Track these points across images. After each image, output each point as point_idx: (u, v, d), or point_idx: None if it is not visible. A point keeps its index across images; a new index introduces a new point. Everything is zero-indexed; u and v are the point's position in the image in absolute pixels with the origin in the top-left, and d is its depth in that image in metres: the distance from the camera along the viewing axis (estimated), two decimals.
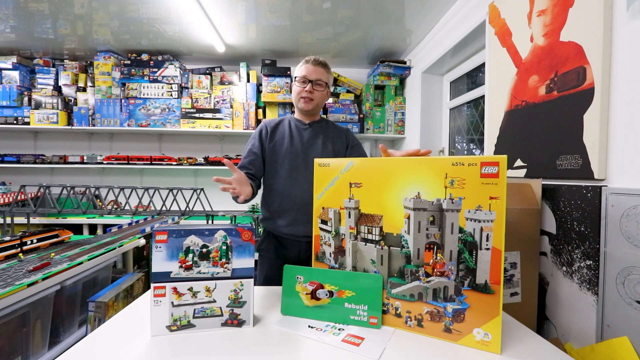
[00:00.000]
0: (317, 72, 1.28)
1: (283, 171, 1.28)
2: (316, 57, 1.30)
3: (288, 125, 1.35)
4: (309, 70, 1.28)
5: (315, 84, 1.28)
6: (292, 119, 1.37)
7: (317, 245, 0.94)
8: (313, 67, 1.28)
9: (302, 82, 1.29)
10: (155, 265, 0.75)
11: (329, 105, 2.98)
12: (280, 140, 1.32)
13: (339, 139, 1.37)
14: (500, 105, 1.43)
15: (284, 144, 1.31)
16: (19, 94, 2.91)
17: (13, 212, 2.10)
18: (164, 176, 3.24)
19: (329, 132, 1.37)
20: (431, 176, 0.75)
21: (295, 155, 1.29)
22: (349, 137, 1.40)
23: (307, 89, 1.27)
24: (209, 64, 3.16)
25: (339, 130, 1.40)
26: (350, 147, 1.38)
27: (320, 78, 1.29)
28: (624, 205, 0.87)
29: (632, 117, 0.89)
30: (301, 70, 1.29)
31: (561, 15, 1.10)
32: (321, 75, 1.29)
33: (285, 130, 1.33)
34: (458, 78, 2.44)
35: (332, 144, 1.34)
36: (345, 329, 0.80)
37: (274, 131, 1.33)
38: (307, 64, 1.29)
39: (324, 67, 1.30)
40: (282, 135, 1.32)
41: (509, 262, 1.12)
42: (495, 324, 0.69)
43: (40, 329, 1.19)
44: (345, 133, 1.41)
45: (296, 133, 1.33)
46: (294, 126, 1.35)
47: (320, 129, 1.36)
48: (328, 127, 1.39)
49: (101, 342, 0.73)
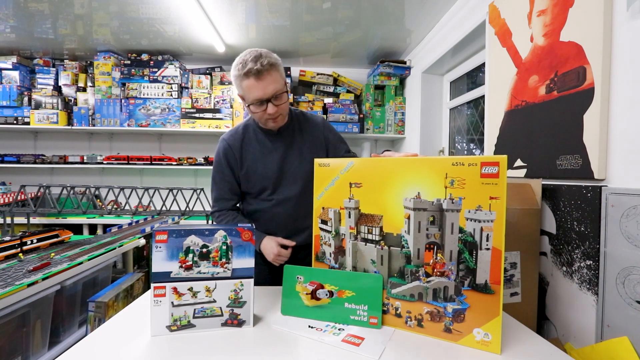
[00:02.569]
0: (269, 83, 0.98)
1: (263, 196, 1.16)
2: (255, 64, 0.95)
3: (256, 141, 1.14)
4: (259, 88, 0.98)
5: (275, 99, 1.01)
6: (258, 131, 1.15)
7: (317, 245, 0.94)
8: (260, 81, 0.97)
9: (259, 105, 1.01)
10: (155, 265, 0.75)
11: (329, 105, 2.98)
12: (252, 164, 1.13)
13: (317, 141, 1.19)
14: (500, 105, 1.43)
15: (257, 169, 1.13)
16: (19, 94, 2.91)
17: (13, 212, 2.10)
18: (164, 176, 3.24)
19: (304, 134, 1.18)
20: (431, 176, 0.75)
21: (272, 178, 1.13)
22: (326, 132, 1.21)
23: (269, 112, 1.01)
24: (209, 64, 3.17)
25: (314, 127, 1.20)
26: (332, 146, 1.21)
27: (276, 89, 1.00)
28: (624, 205, 0.87)
29: (632, 117, 0.89)
30: (247, 89, 0.99)
31: (561, 15, 1.10)
32: (275, 84, 0.99)
33: (255, 150, 1.14)
34: (458, 78, 2.44)
35: (309, 148, 1.17)
36: (345, 329, 0.80)
37: (242, 155, 1.13)
38: (250, 78, 0.96)
39: (271, 68, 0.98)
40: (252, 158, 1.13)
41: (509, 262, 1.12)
42: (495, 324, 0.69)
43: (40, 329, 1.19)
44: (322, 130, 1.21)
45: (267, 152, 1.14)
46: (262, 142, 1.14)
47: (293, 133, 1.16)
48: (302, 128, 1.18)
49: (101, 342, 0.73)
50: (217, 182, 1.16)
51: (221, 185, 1.16)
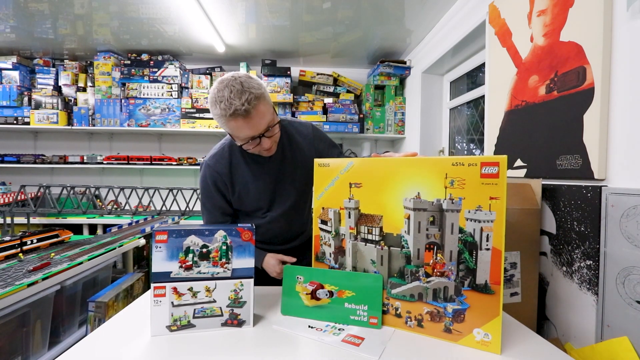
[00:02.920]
0: (257, 121, 0.90)
1: (257, 214, 1.13)
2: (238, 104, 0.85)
3: (245, 164, 1.07)
4: (249, 126, 0.90)
5: (268, 132, 0.94)
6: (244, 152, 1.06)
7: (317, 245, 0.94)
8: (248, 121, 0.89)
9: (252, 141, 0.94)
10: (155, 265, 0.75)
11: (329, 105, 2.98)
12: (244, 187, 1.07)
13: (307, 151, 1.12)
14: (500, 105, 1.43)
15: (249, 192, 1.08)
16: (19, 94, 2.91)
17: (13, 212, 2.10)
18: (164, 176, 3.24)
19: (293, 147, 1.11)
20: (431, 176, 0.75)
21: (266, 201, 1.10)
22: (316, 142, 1.14)
23: (264, 147, 0.96)
24: (209, 64, 3.17)
25: (303, 138, 1.13)
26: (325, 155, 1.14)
27: (268, 122, 0.93)
28: (624, 205, 0.87)
29: (632, 117, 0.89)
30: (239, 129, 0.91)
31: (561, 15, 1.10)
32: (263, 119, 0.92)
33: (244, 173, 1.07)
34: (458, 78, 2.44)
35: (302, 163, 1.11)
36: (345, 329, 0.80)
37: (232, 180, 1.07)
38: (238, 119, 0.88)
39: (257, 101, 0.89)
40: (243, 182, 1.07)
41: (509, 262, 1.12)
42: (495, 324, 0.69)
43: (40, 329, 1.19)
44: (312, 139, 1.14)
45: (258, 173, 1.07)
46: (251, 163, 1.07)
47: (282, 150, 1.09)
48: (290, 141, 1.11)
49: (101, 342, 0.73)
50: (209, 209, 1.11)
51: (213, 211, 1.11)
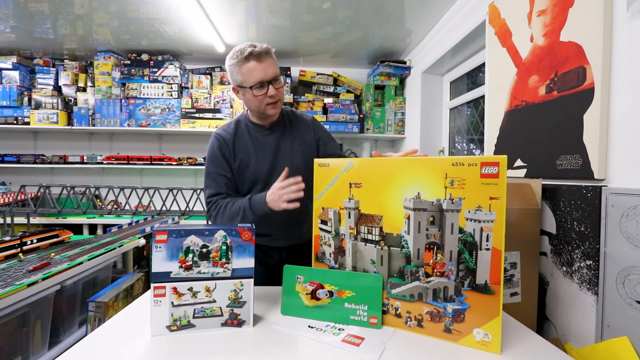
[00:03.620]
0: (269, 67, 1.05)
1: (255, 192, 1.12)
2: (256, 48, 1.03)
3: (248, 135, 1.15)
4: (260, 69, 1.03)
5: (275, 82, 1.06)
6: (250, 125, 1.16)
7: (317, 245, 0.94)
8: (261, 63, 1.03)
9: (260, 88, 1.05)
10: (155, 265, 0.75)
11: (329, 105, 2.98)
12: (245, 158, 1.13)
13: (307, 137, 1.21)
14: (500, 105, 1.43)
15: (250, 162, 1.13)
16: (19, 94, 2.91)
17: (13, 212, 2.10)
18: (164, 176, 3.24)
19: (295, 130, 1.20)
20: (431, 176, 0.75)
21: (264, 173, 1.13)
22: (316, 129, 1.24)
23: (270, 94, 1.06)
24: (209, 64, 3.17)
25: (304, 124, 1.23)
26: (323, 142, 1.23)
27: (276, 72, 1.07)
28: (624, 205, 0.87)
29: (632, 117, 0.89)
30: (249, 72, 1.04)
31: (561, 15, 1.10)
32: (274, 68, 1.07)
33: (247, 144, 1.14)
34: (458, 78, 2.44)
35: (301, 147, 1.18)
36: (345, 329, 0.80)
37: (235, 149, 1.14)
38: (250, 62, 1.02)
39: (268, 55, 1.06)
40: (245, 151, 1.14)
41: (509, 262, 1.12)
42: (495, 324, 0.69)
43: (40, 329, 1.19)
44: (312, 127, 1.24)
45: (260, 145, 1.15)
46: (254, 135, 1.15)
47: (284, 129, 1.19)
48: (292, 124, 1.21)
49: (101, 342, 0.73)
50: (213, 177, 1.12)
51: (217, 178, 1.11)
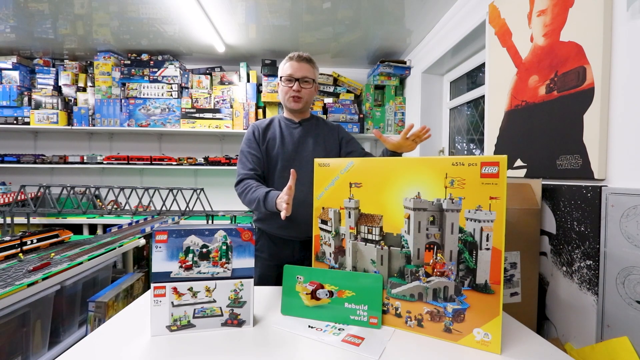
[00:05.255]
0: (303, 69, 1.25)
1: (276, 173, 1.26)
2: (300, 53, 1.26)
3: (278, 125, 1.32)
4: (294, 68, 1.24)
5: (303, 82, 1.25)
6: (282, 119, 1.34)
7: (317, 245, 0.94)
8: (298, 64, 1.24)
9: (288, 81, 1.25)
10: (155, 265, 0.75)
11: (329, 105, 2.98)
12: (272, 141, 1.29)
13: (331, 137, 1.34)
14: (500, 105, 1.43)
15: (275, 145, 1.28)
16: (19, 94, 2.91)
17: (13, 212, 2.10)
18: (164, 176, 3.24)
19: (320, 129, 1.35)
20: (431, 176, 0.75)
21: (287, 156, 1.27)
22: (340, 133, 1.38)
23: (294, 88, 1.24)
24: (209, 64, 3.16)
25: (330, 128, 1.38)
26: (345, 141, 1.36)
27: (307, 75, 1.25)
28: (624, 205, 0.87)
29: (632, 117, 0.89)
30: (286, 68, 1.26)
31: (561, 15, 1.10)
32: (307, 72, 1.25)
33: (276, 130, 1.30)
34: (458, 78, 2.44)
35: (324, 142, 1.32)
36: (345, 329, 0.80)
37: (265, 133, 1.30)
38: (291, 61, 1.25)
39: (309, 63, 1.26)
40: (273, 136, 1.29)
41: (509, 262, 1.12)
42: (495, 324, 0.69)
43: (40, 329, 1.19)
44: (337, 130, 1.38)
45: (287, 133, 1.30)
46: (284, 126, 1.32)
47: (311, 127, 1.34)
48: (319, 124, 1.36)
49: (101, 342, 0.73)
50: (245, 155, 1.26)
51: (249, 157, 1.25)
